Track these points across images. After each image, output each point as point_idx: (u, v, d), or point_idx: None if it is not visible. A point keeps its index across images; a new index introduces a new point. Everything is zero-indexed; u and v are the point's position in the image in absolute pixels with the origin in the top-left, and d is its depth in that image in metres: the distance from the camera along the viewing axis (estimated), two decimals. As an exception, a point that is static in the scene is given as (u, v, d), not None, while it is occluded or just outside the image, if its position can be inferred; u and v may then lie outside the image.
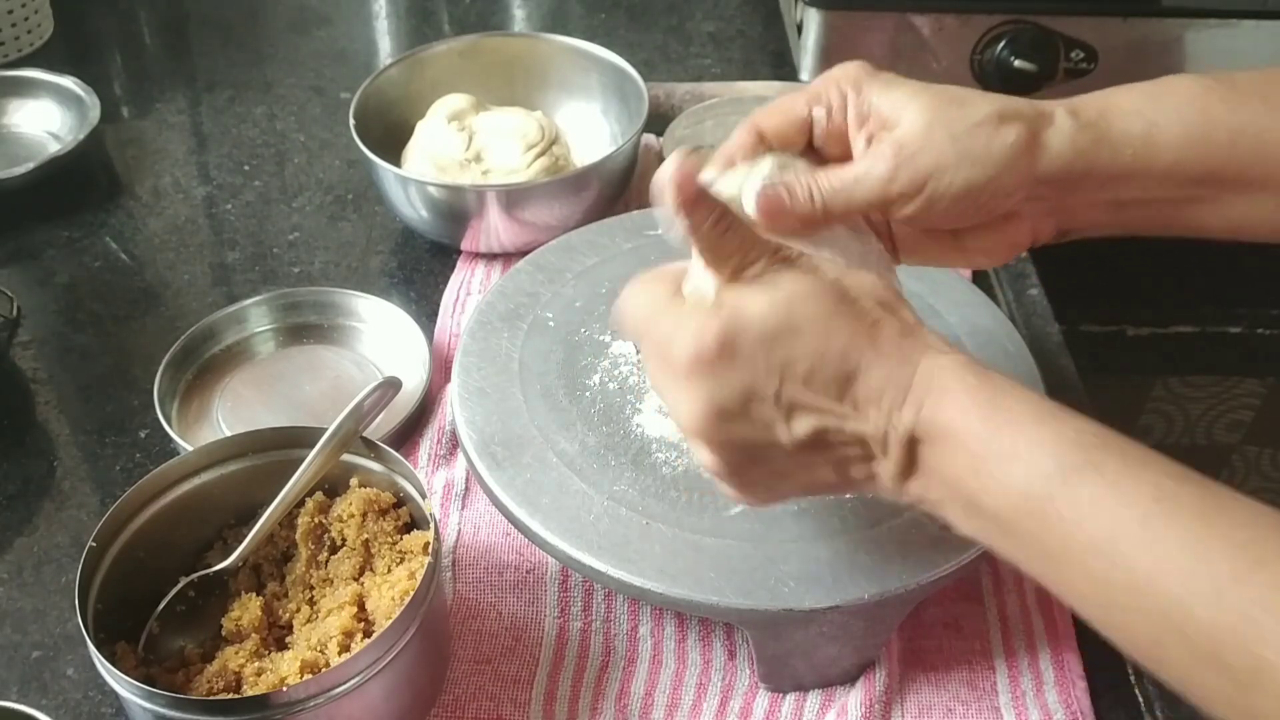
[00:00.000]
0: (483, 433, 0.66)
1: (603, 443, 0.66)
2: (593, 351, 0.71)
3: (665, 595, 0.59)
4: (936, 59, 1.02)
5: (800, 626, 0.60)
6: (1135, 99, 0.56)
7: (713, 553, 0.60)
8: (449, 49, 0.99)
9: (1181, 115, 0.56)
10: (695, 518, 0.62)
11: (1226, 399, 1.24)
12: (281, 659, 0.60)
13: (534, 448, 0.65)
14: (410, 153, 0.93)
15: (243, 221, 0.98)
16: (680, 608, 0.60)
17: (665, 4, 1.26)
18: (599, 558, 0.60)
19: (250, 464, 0.66)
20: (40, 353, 0.86)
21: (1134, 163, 0.55)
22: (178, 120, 1.10)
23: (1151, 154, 0.55)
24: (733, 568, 0.59)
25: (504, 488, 0.63)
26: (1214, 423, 1.27)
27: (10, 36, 1.14)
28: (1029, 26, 1.00)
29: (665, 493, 0.63)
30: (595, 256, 0.78)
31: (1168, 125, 0.55)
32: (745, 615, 0.59)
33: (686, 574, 0.59)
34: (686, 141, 0.95)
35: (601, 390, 0.69)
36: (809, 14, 1.01)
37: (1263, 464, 1.30)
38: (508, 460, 0.65)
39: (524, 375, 0.70)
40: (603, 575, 0.60)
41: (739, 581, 0.59)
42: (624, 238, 0.79)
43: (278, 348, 0.84)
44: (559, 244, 0.79)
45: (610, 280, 0.76)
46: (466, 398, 0.69)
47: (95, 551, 0.60)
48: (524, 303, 0.74)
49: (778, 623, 0.59)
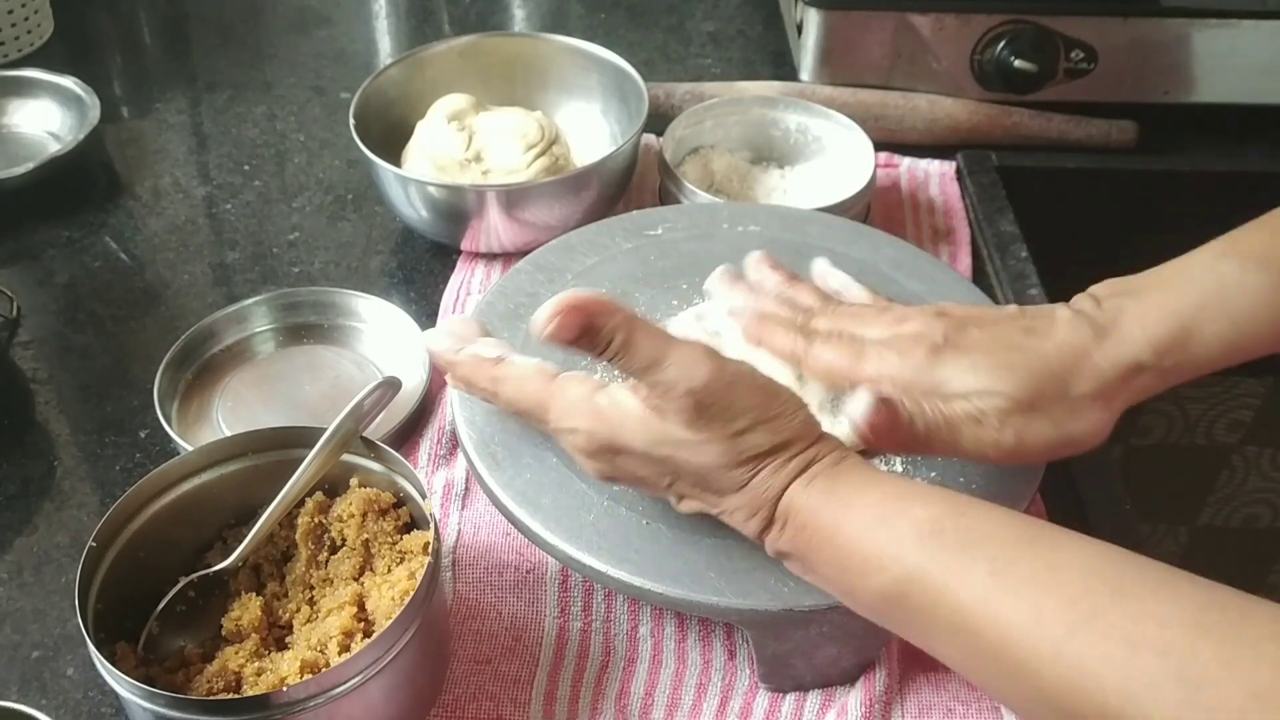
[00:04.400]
0: (482, 432, 0.66)
1: None
2: None
3: (665, 595, 0.59)
4: (936, 59, 1.02)
5: (800, 627, 0.60)
6: (1214, 321, 0.59)
7: (712, 552, 0.60)
8: (449, 49, 0.99)
9: (1255, 316, 0.59)
10: (695, 518, 0.61)
11: (1226, 399, 1.24)
12: (281, 659, 0.60)
13: (533, 448, 0.65)
14: (410, 153, 0.93)
15: (243, 221, 0.98)
16: (680, 608, 0.60)
17: (665, 4, 1.26)
18: (598, 557, 0.60)
19: (250, 464, 0.66)
20: (40, 353, 0.86)
21: (1209, 368, 0.60)
22: (178, 120, 1.10)
23: (1229, 359, 0.59)
24: (733, 567, 0.59)
25: (504, 488, 0.63)
26: (1214, 423, 1.27)
27: (10, 36, 1.14)
28: (1029, 26, 1.00)
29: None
30: (595, 256, 0.78)
31: (1244, 332, 0.59)
32: (745, 615, 0.59)
33: (686, 574, 0.59)
34: (686, 142, 0.95)
35: None
36: (809, 14, 1.01)
37: (1263, 464, 1.30)
38: (507, 460, 0.65)
39: None
40: (602, 575, 0.60)
41: (739, 581, 0.59)
42: (624, 238, 0.79)
43: (278, 348, 0.84)
44: (559, 244, 0.79)
45: (610, 280, 0.76)
46: (466, 398, 0.68)
47: (95, 551, 0.60)
48: (524, 303, 0.74)
49: (777, 623, 0.59)
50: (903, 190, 0.98)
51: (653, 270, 0.76)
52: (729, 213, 0.81)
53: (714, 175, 0.94)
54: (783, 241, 0.78)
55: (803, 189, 0.94)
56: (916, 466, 0.64)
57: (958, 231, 0.94)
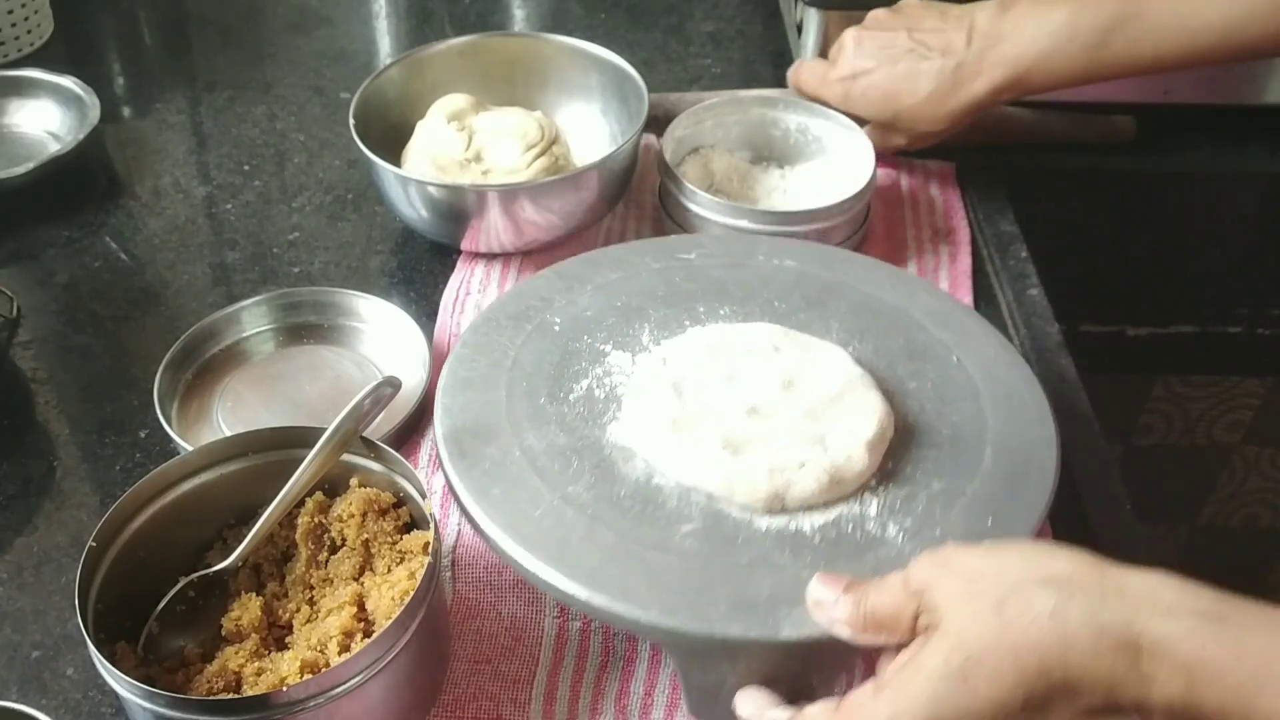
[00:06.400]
0: (456, 420, 0.66)
1: (571, 444, 0.65)
2: (589, 358, 0.71)
3: (588, 603, 0.57)
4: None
5: (726, 658, 0.57)
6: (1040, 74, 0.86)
7: (651, 567, 0.58)
8: (449, 49, 0.99)
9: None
10: (644, 528, 0.60)
11: (1226, 399, 1.24)
12: (281, 659, 0.60)
13: (500, 441, 0.65)
14: (410, 153, 0.93)
15: (243, 221, 0.98)
16: (603, 618, 0.58)
17: (665, 4, 1.26)
18: (531, 552, 0.58)
19: (250, 464, 0.66)
20: (40, 353, 0.86)
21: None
22: (178, 120, 1.10)
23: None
24: (666, 584, 0.57)
25: (460, 476, 0.63)
26: (1214, 423, 1.27)
27: (10, 36, 1.14)
28: (1029, 26, 1.00)
29: (619, 501, 0.62)
30: (620, 272, 0.76)
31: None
32: (665, 636, 0.57)
33: (615, 584, 0.57)
34: (686, 142, 0.95)
35: (586, 395, 0.68)
36: (809, 14, 1.01)
37: (1263, 464, 1.31)
38: (471, 450, 0.64)
39: (514, 372, 0.69)
40: (529, 573, 0.58)
41: (668, 600, 0.56)
42: (654, 258, 0.78)
43: (278, 348, 0.84)
44: (586, 257, 0.78)
45: (628, 295, 0.75)
46: (450, 386, 0.68)
47: (95, 551, 0.60)
48: (535, 305, 0.74)
49: (700, 650, 0.57)
50: (903, 190, 0.98)
51: (674, 291, 0.75)
52: (767, 245, 0.79)
53: (714, 175, 0.94)
54: (818, 278, 0.76)
55: (803, 189, 0.94)
56: (893, 513, 0.62)
57: (958, 231, 0.94)
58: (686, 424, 0.64)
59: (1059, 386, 0.82)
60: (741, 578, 0.58)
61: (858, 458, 0.63)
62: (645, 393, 0.67)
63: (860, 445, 0.63)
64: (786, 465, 0.62)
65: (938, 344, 0.72)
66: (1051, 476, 0.64)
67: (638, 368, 0.70)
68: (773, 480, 0.61)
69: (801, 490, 0.61)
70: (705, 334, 0.71)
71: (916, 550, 0.58)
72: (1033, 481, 0.64)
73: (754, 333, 0.70)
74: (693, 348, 0.69)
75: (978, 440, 0.66)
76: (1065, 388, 0.82)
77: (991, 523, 0.61)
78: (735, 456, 0.63)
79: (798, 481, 0.62)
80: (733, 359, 0.68)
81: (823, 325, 0.73)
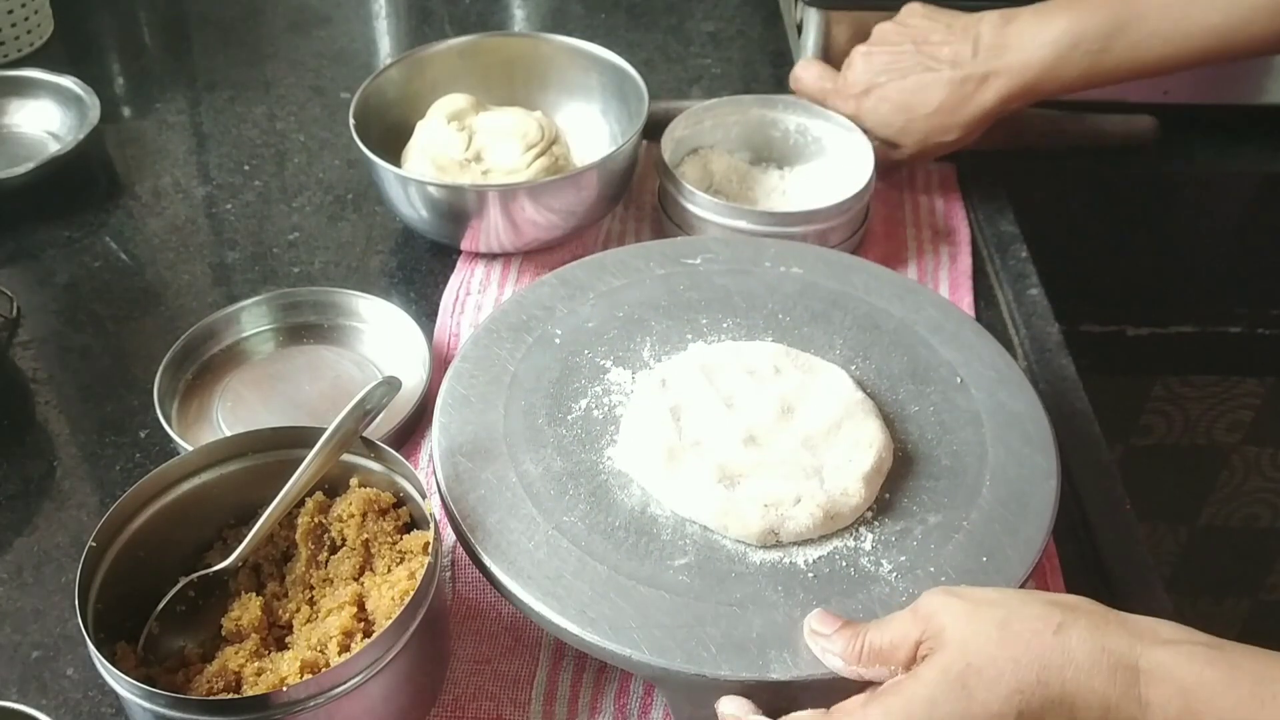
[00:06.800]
0: (453, 440, 0.66)
1: (568, 470, 0.65)
2: (589, 375, 0.70)
3: (580, 638, 0.57)
4: (936, 59, 1.02)
5: (716, 694, 0.57)
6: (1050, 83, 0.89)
7: (642, 602, 0.58)
8: (449, 49, 0.99)
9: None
10: (635, 562, 0.60)
11: (1226, 399, 1.24)
12: (281, 659, 0.60)
13: (498, 464, 0.65)
14: (410, 153, 0.93)
15: (243, 221, 0.98)
16: (594, 654, 0.58)
17: (665, 4, 1.26)
18: (525, 587, 0.59)
19: (250, 464, 0.66)
20: (40, 353, 0.86)
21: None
22: (178, 120, 1.10)
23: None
24: (657, 621, 0.57)
25: (456, 501, 0.63)
26: (1214, 423, 1.27)
27: (10, 36, 1.14)
28: (1029, 26, 1.00)
29: (613, 532, 0.62)
30: (624, 279, 0.76)
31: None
32: (657, 674, 0.57)
33: (606, 620, 0.57)
34: (686, 142, 0.95)
35: (584, 416, 0.68)
36: (809, 14, 1.01)
37: (1263, 464, 1.30)
38: (468, 473, 0.64)
39: (513, 389, 0.69)
40: (525, 605, 0.59)
41: (659, 638, 0.57)
42: (659, 263, 0.77)
43: (278, 348, 0.84)
44: (590, 261, 0.78)
45: (631, 305, 0.74)
46: (449, 403, 0.68)
47: (95, 551, 0.60)
48: (538, 315, 0.73)
49: (692, 687, 0.57)
50: (903, 190, 0.98)
51: (677, 300, 0.75)
52: (774, 250, 0.79)
53: (713, 176, 0.94)
54: (824, 288, 0.76)
55: (802, 190, 0.94)
56: (888, 548, 0.62)
57: (958, 231, 0.94)
58: (683, 453, 0.64)
59: (1059, 386, 0.82)
60: (733, 617, 0.58)
61: (854, 491, 0.63)
62: (643, 417, 0.67)
63: (857, 479, 0.63)
64: (782, 500, 0.62)
65: (943, 364, 0.72)
66: (1050, 511, 0.63)
67: (637, 386, 0.70)
68: (767, 516, 0.61)
69: (796, 525, 0.61)
70: (706, 353, 0.70)
71: (910, 588, 0.59)
72: (1031, 517, 0.63)
73: (755, 353, 0.70)
74: (692, 368, 0.69)
75: (977, 469, 0.65)
76: (1065, 387, 0.82)
77: (986, 560, 0.61)
78: (731, 490, 0.63)
79: (793, 517, 0.62)
80: (732, 382, 0.68)
81: (826, 341, 0.73)
